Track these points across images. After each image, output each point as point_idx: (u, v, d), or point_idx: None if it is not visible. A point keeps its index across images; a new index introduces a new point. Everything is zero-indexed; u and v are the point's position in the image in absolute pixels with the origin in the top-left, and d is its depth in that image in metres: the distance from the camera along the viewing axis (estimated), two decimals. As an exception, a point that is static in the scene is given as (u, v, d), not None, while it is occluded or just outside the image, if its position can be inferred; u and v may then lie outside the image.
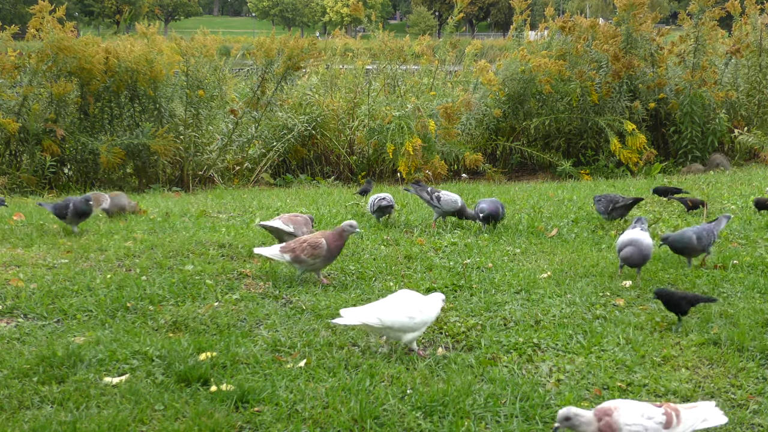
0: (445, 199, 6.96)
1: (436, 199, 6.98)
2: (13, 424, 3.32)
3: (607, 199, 7.00)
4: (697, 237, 5.49)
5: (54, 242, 6.27)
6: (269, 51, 11.43)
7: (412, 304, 4.05)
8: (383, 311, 4.00)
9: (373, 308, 4.06)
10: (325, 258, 5.18)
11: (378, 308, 4.04)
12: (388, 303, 4.10)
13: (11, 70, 10.67)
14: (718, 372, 3.91)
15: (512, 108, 12.45)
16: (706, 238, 5.53)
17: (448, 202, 6.94)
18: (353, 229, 5.22)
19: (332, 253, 5.20)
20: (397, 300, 4.11)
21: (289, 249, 5.17)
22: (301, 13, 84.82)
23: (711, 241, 5.59)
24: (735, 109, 12.62)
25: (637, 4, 12.01)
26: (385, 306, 4.06)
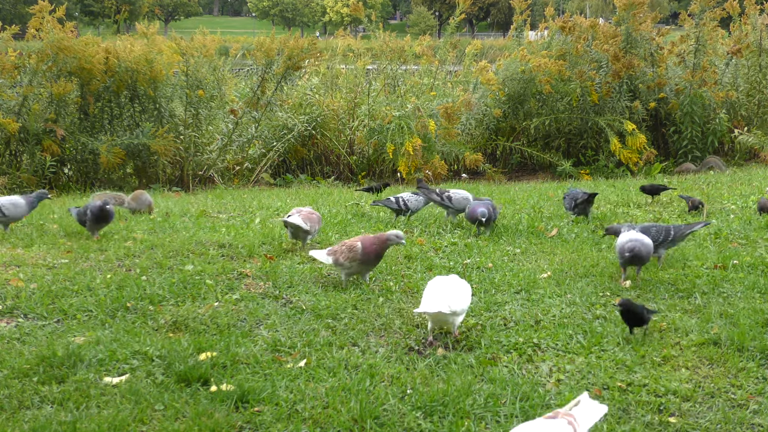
0: (456, 197, 6.98)
1: (447, 199, 6.98)
2: (13, 424, 3.32)
3: (570, 196, 7.18)
4: (641, 232, 5.44)
5: (54, 242, 6.27)
6: (269, 51, 11.43)
7: (464, 290, 4.29)
8: (452, 300, 4.17)
9: (440, 297, 4.19)
10: (360, 261, 5.07)
11: (444, 297, 4.19)
12: (448, 291, 4.24)
13: (11, 70, 10.68)
14: (718, 372, 3.91)
15: (512, 108, 12.45)
16: (653, 235, 5.42)
17: (460, 200, 6.96)
18: (398, 240, 5.10)
19: (368, 257, 5.07)
20: (452, 287, 4.29)
21: (332, 252, 5.16)
22: (301, 13, 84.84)
23: (659, 239, 5.43)
24: (735, 109, 12.63)
25: (636, 4, 12.01)
26: (448, 294, 4.21)
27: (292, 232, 6.05)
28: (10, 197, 6.74)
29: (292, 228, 5.99)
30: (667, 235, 5.48)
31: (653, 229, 5.47)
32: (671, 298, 4.97)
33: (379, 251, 5.12)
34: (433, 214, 7.57)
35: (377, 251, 5.11)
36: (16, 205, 6.60)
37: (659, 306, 4.80)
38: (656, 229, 5.48)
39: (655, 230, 5.46)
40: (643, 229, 5.42)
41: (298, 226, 5.91)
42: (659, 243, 5.44)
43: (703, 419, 3.46)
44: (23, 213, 6.68)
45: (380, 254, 5.15)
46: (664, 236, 5.46)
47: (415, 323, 4.55)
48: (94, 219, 6.37)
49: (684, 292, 5.04)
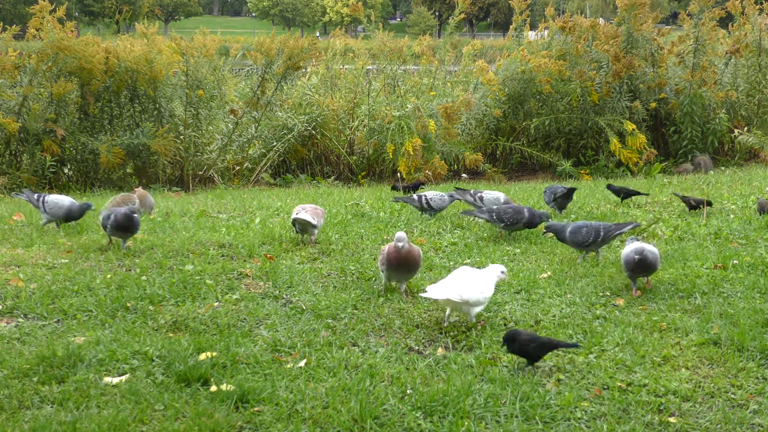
0: (488, 197, 7.01)
1: (479, 200, 7.00)
2: (13, 424, 3.32)
3: (550, 191, 7.36)
4: (571, 232, 5.51)
5: (54, 242, 6.27)
6: (269, 51, 11.43)
7: (482, 281, 4.42)
8: (463, 288, 4.31)
9: (453, 285, 4.35)
10: (388, 267, 4.91)
11: (457, 285, 4.34)
12: (463, 280, 4.39)
13: (11, 70, 10.68)
14: (718, 372, 3.91)
15: (512, 108, 12.45)
16: (584, 235, 5.49)
17: (492, 201, 6.99)
18: (396, 242, 4.84)
19: (391, 263, 4.88)
20: (468, 277, 4.43)
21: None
22: (301, 13, 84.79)
23: (589, 239, 5.50)
24: (735, 109, 12.63)
25: (638, 5, 12.01)
26: (462, 283, 4.36)
27: (300, 228, 6.17)
28: (57, 196, 6.76)
29: (301, 225, 6.10)
30: (597, 236, 5.55)
31: (584, 228, 5.53)
32: (671, 298, 4.97)
33: (400, 259, 4.86)
34: (434, 214, 7.57)
35: (399, 259, 4.86)
36: (59, 205, 6.61)
37: (659, 306, 4.80)
38: (587, 229, 5.54)
39: (586, 230, 5.52)
40: (574, 228, 5.52)
41: (307, 221, 6.00)
42: (590, 243, 5.54)
43: (703, 419, 3.46)
44: (62, 215, 6.62)
45: (404, 262, 4.87)
46: (594, 236, 5.54)
47: (415, 323, 4.55)
48: (116, 227, 5.89)
49: (684, 292, 5.04)
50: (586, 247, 5.61)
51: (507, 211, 6.32)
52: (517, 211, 6.30)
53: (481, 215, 6.44)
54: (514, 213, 6.30)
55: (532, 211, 6.34)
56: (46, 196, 6.69)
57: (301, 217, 6.00)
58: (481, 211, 6.48)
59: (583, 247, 5.62)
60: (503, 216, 6.29)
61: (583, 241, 5.54)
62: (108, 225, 5.89)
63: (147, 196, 7.59)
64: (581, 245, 5.60)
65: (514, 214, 6.29)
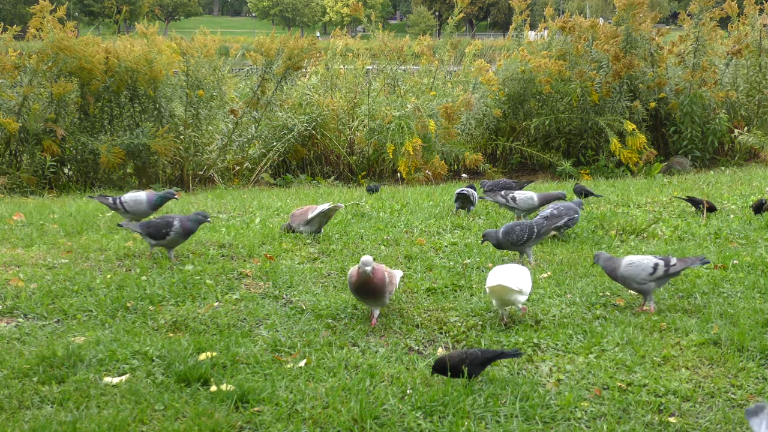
0: (521, 198, 6.99)
1: (512, 200, 7.00)
2: (13, 424, 3.32)
3: (499, 185, 7.63)
4: (504, 233, 5.51)
5: (54, 242, 6.27)
6: (269, 51, 11.43)
7: (527, 274, 4.53)
8: (521, 281, 4.40)
9: (510, 277, 4.40)
10: (351, 291, 4.58)
11: (514, 278, 4.41)
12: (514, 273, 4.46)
13: (11, 70, 10.68)
14: (718, 372, 3.91)
15: (512, 108, 12.45)
16: (518, 234, 5.50)
17: (525, 200, 6.97)
18: (363, 266, 4.40)
19: (351, 287, 4.52)
20: (517, 270, 4.52)
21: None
22: (301, 13, 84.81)
23: (524, 237, 5.51)
24: (735, 109, 12.62)
25: (636, 4, 12.00)
26: (516, 276, 4.43)
27: (318, 225, 6.45)
28: (133, 194, 6.62)
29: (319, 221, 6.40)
30: (531, 233, 5.56)
31: (517, 228, 5.54)
32: (671, 298, 4.97)
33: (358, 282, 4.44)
34: (433, 213, 7.57)
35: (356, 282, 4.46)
36: (138, 201, 6.48)
37: (660, 306, 4.80)
38: (520, 228, 5.54)
39: (519, 229, 5.53)
40: (506, 228, 5.51)
41: (328, 210, 6.34)
42: (524, 241, 5.54)
43: (703, 419, 3.46)
44: (145, 211, 6.48)
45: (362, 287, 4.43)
46: (528, 234, 5.55)
47: (415, 323, 4.56)
48: (184, 233, 5.63)
49: (684, 292, 5.04)
50: (521, 245, 5.58)
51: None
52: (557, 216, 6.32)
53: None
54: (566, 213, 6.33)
55: (569, 209, 6.35)
56: (122, 197, 6.56)
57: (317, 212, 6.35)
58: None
59: (519, 246, 5.59)
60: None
61: (518, 240, 5.52)
62: (171, 233, 5.58)
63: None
64: (516, 244, 5.57)
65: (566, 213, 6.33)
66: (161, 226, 5.58)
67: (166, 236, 5.60)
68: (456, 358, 3.68)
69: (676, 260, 4.75)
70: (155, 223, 5.62)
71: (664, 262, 4.70)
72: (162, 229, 5.57)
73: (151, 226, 5.61)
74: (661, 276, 4.69)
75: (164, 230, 5.57)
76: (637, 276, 4.67)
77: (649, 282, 4.67)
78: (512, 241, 5.54)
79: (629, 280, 4.70)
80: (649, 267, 4.65)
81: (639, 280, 4.68)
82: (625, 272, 4.69)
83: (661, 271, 4.67)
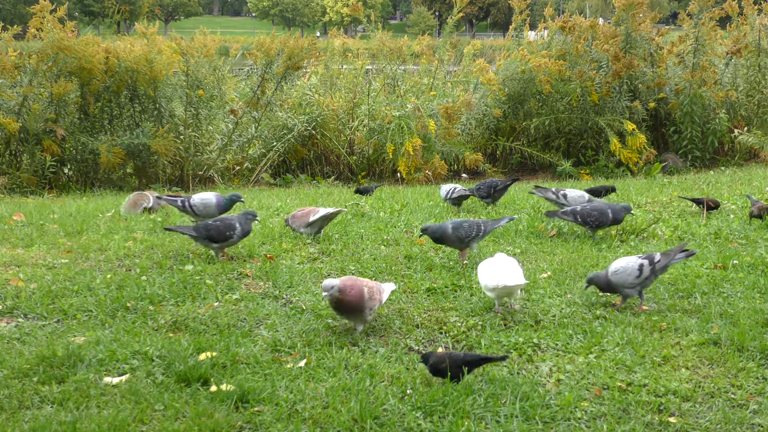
0: (572, 195, 7.01)
1: (563, 197, 7.02)
2: (13, 424, 3.32)
3: (487, 185, 7.78)
4: (453, 228, 5.55)
5: (54, 242, 6.27)
6: (269, 51, 11.43)
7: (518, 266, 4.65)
8: (520, 275, 4.53)
9: (509, 273, 4.52)
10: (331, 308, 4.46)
11: (511, 273, 4.53)
12: (510, 267, 4.58)
13: (11, 70, 10.68)
14: (718, 372, 3.91)
15: (512, 108, 12.45)
16: (466, 230, 5.54)
17: (575, 198, 6.98)
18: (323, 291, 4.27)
19: (331, 305, 4.39)
20: (512, 264, 4.64)
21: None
22: (301, 13, 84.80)
23: (471, 234, 5.57)
24: (735, 109, 12.62)
25: (636, 4, 12.00)
26: (511, 270, 4.55)
27: (319, 227, 6.43)
28: (201, 195, 6.60)
29: (320, 223, 6.38)
30: (479, 231, 5.62)
31: (465, 224, 5.59)
32: (671, 298, 4.97)
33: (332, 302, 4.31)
34: (433, 213, 7.58)
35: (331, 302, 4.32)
36: (207, 204, 6.47)
37: (660, 306, 4.80)
38: (468, 224, 5.60)
39: (468, 225, 5.58)
40: (455, 224, 5.57)
41: (333, 213, 6.37)
42: (472, 237, 5.60)
43: (703, 419, 3.46)
44: (214, 213, 6.44)
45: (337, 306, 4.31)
46: (476, 231, 5.60)
47: (415, 323, 4.55)
48: (243, 235, 5.69)
49: (684, 292, 5.04)
50: (468, 242, 5.63)
51: (592, 213, 6.30)
52: (602, 213, 6.29)
53: (566, 217, 6.44)
54: (599, 215, 6.29)
55: (614, 209, 6.31)
56: (191, 199, 6.54)
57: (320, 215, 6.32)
58: (566, 213, 6.47)
59: (465, 243, 5.64)
60: (588, 219, 6.32)
61: (466, 236, 5.58)
62: (234, 235, 5.64)
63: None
64: (463, 241, 5.62)
65: (599, 216, 6.28)
66: (224, 229, 5.61)
67: (229, 239, 5.65)
68: (437, 356, 3.71)
69: (660, 255, 4.77)
70: (215, 226, 5.62)
71: (648, 261, 4.71)
72: (225, 231, 5.62)
73: (211, 229, 5.61)
74: (648, 276, 4.70)
75: (228, 233, 5.62)
76: (625, 282, 4.69)
77: (637, 286, 4.71)
78: (460, 237, 5.59)
79: (620, 287, 4.72)
80: (635, 270, 4.67)
81: (628, 285, 4.70)
82: (613, 280, 4.71)
83: (647, 272, 4.69)
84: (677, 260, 4.86)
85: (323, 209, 6.42)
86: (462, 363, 3.68)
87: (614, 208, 6.33)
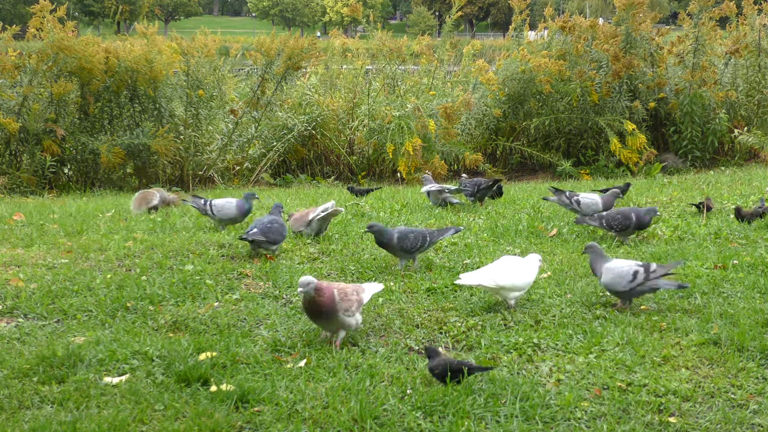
0: (585, 201, 6.96)
1: (576, 203, 6.97)
2: (13, 424, 3.32)
3: (473, 183, 7.99)
4: (399, 238, 5.44)
5: (54, 242, 6.27)
6: (269, 51, 11.43)
7: (519, 268, 4.71)
8: (498, 274, 4.62)
9: (489, 272, 4.65)
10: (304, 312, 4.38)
11: (493, 272, 4.64)
12: (500, 267, 4.70)
13: (11, 70, 10.68)
14: (718, 372, 3.91)
15: (512, 108, 12.45)
16: (412, 241, 5.45)
17: (589, 205, 6.93)
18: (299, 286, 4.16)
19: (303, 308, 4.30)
20: (505, 264, 4.73)
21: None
22: (301, 13, 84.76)
23: (417, 245, 5.47)
24: (735, 109, 12.61)
25: (636, 4, 11.99)
26: (498, 269, 4.66)
27: (319, 227, 6.45)
28: (222, 200, 6.80)
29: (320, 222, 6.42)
30: (424, 241, 5.55)
31: (411, 235, 5.50)
32: (671, 298, 4.97)
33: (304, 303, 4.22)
34: (433, 213, 7.58)
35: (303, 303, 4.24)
36: (227, 206, 6.65)
37: (660, 306, 4.81)
38: (414, 235, 5.50)
39: (413, 237, 5.49)
40: (401, 234, 5.46)
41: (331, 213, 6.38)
42: (417, 248, 5.52)
43: (703, 419, 3.46)
44: (233, 215, 6.65)
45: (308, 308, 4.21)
46: (421, 242, 5.53)
47: (415, 323, 4.56)
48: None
49: (684, 292, 5.04)
50: (412, 253, 5.54)
51: (615, 217, 6.31)
52: (626, 217, 6.28)
53: (593, 222, 6.45)
54: (623, 219, 6.28)
55: (638, 213, 6.28)
56: (213, 201, 6.72)
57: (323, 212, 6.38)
58: (593, 219, 6.48)
59: (411, 253, 5.54)
60: (612, 223, 6.32)
61: (411, 248, 5.48)
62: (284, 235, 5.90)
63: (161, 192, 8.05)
64: (410, 251, 5.51)
65: (623, 220, 6.28)
66: (280, 230, 5.86)
67: (284, 239, 5.95)
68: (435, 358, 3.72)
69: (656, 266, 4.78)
70: (274, 228, 5.82)
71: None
72: (283, 232, 5.91)
73: (271, 233, 5.79)
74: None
75: (284, 233, 5.93)
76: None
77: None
78: (406, 248, 5.47)
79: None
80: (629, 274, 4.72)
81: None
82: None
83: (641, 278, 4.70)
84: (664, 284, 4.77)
85: (321, 206, 6.45)
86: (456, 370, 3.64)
87: (638, 213, 6.30)
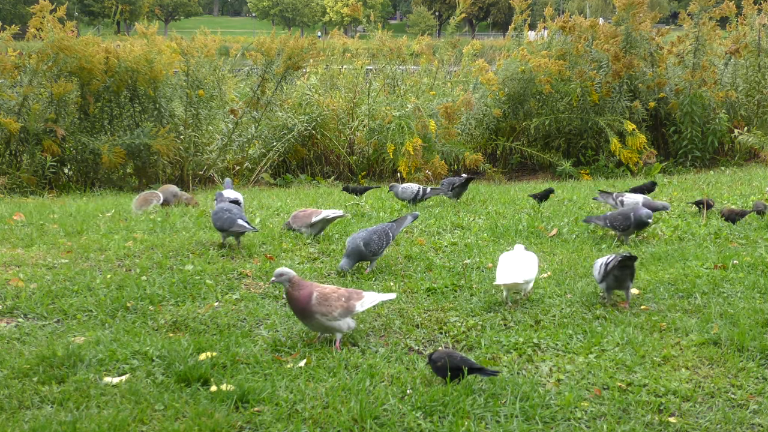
0: (628, 201, 6.97)
1: (620, 203, 6.98)
2: (13, 424, 3.32)
3: (448, 182, 8.24)
4: (366, 243, 5.37)
5: (54, 242, 6.27)
6: (269, 51, 11.43)
7: (526, 261, 4.84)
8: (522, 271, 4.72)
9: (513, 270, 4.72)
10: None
11: (515, 269, 4.72)
12: (515, 264, 4.78)
13: (11, 70, 10.68)
14: (718, 372, 3.91)
15: (512, 108, 12.45)
16: (377, 243, 5.41)
17: (631, 204, 6.91)
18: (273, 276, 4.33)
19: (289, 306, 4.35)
20: (517, 260, 4.82)
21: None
22: (301, 13, 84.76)
23: (383, 245, 5.45)
24: (735, 109, 12.61)
25: (636, 4, 11.99)
26: (517, 266, 4.75)
27: (320, 229, 6.49)
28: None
29: (322, 225, 6.47)
30: (388, 239, 5.54)
31: (375, 236, 5.45)
32: (671, 298, 4.97)
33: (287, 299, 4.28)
34: (433, 213, 7.57)
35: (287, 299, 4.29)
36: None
37: (659, 306, 4.81)
38: (378, 235, 5.46)
39: (377, 237, 5.45)
40: (366, 240, 5.38)
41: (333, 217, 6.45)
42: (383, 247, 5.49)
43: (703, 419, 3.46)
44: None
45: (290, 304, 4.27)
46: (386, 240, 5.52)
47: (415, 323, 4.56)
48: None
49: (684, 292, 5.04)
50: (380, 254, 5.51)
51: (617, 218, 6.34)
52: (626, 217, 6.30)
53: (597, 221, 6.49)
54: (624, 219, 6.31)
55: (637, 213, 6.26)
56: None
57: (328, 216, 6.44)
58: (598, 218, 6.53)
59: (378, 254, 5.50)
60: (614, 223, 6.35)
61: (378, 249, 5.45)
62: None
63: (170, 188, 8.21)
64: (376, 254, 5.47)
65: (623, 220, 6.31)
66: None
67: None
68: (437, 355, 3.75)
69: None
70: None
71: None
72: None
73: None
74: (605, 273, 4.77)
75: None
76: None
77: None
78: (373, 250, 5.42)
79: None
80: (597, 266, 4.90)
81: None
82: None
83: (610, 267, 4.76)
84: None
85: (326, 211, 6.45)
86: (458, 368, 3.65)
87: (637, 214, 6.27)
